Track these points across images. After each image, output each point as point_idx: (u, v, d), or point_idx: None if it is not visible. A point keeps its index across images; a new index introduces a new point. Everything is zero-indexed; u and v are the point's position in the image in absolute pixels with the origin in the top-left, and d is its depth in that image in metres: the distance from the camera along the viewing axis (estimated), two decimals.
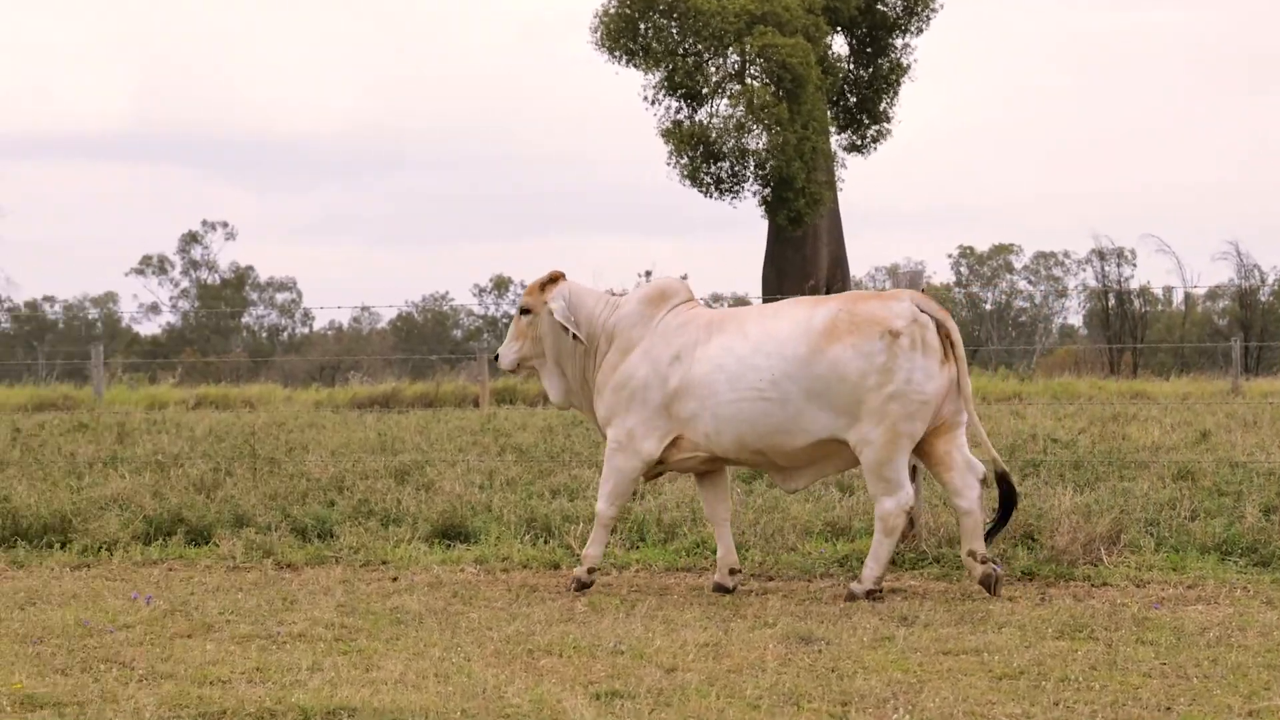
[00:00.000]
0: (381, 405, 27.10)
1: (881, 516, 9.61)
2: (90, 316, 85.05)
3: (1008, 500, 9.90)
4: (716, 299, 72.22)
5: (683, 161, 33.78)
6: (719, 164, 33.76)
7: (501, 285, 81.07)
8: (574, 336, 10.24)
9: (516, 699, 6.98)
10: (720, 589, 10.00)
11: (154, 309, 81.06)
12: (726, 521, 10.25)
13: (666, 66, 33.99)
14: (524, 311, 10.45)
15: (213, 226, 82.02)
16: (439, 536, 11.84)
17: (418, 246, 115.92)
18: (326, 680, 7.40)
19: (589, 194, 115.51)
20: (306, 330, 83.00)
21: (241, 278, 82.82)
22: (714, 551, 11.03)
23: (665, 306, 10.21)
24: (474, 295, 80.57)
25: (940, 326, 9.64)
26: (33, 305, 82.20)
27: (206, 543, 11.88)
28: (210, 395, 30.36)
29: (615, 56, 34.63)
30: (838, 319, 9.62)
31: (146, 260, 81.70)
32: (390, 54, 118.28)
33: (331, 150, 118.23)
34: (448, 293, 77.35)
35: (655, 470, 10.17)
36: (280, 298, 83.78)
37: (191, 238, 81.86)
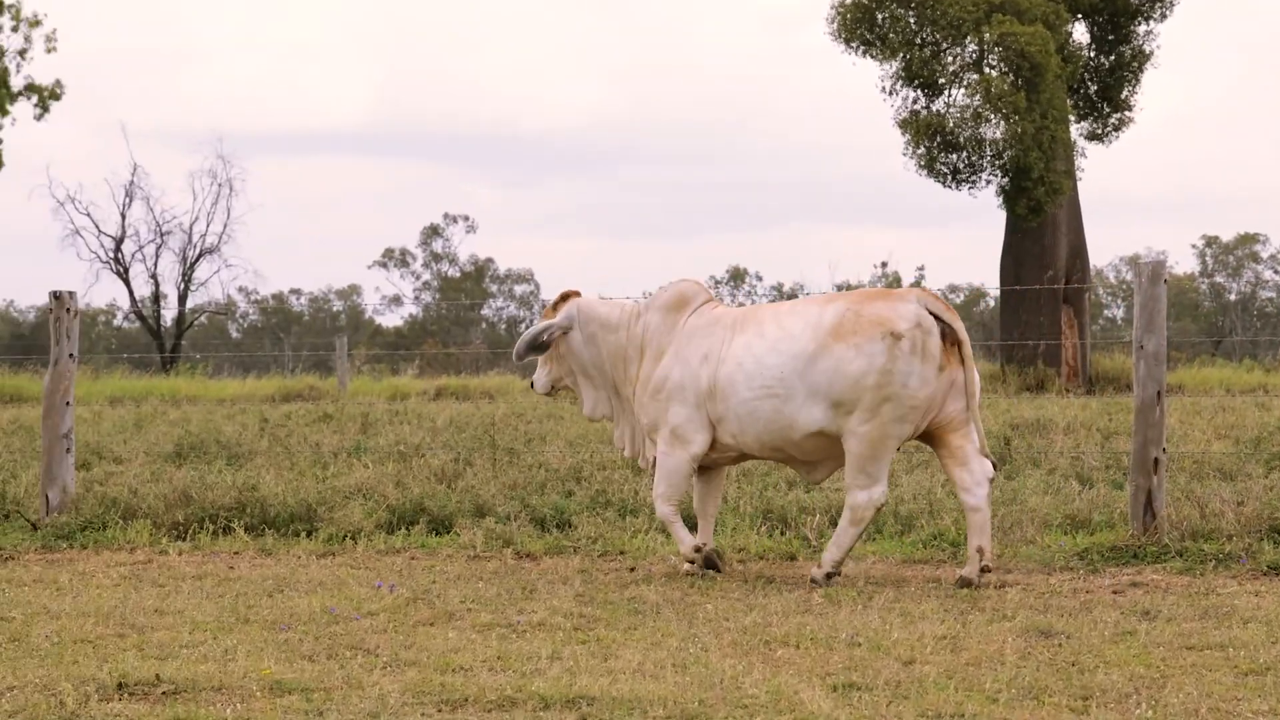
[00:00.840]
0: None
1: (853, 506, 9.75)
2: (334, 309, 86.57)
3: None
4: (953, 290, 71.61)
5: (919, 151, 33.47)
6: (956, 154, 33.44)
7: (738, 276, 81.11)
8: (552, 339, 10.52)
9: (754, 690, 6.99)
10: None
11: (396, 301, 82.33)
12: (713, 516, 10.58)
13: (903, 56, 33.72)
14: None
15: (454, 219, 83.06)
16: None
17: (655, 238, 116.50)
18: (566, 669, 7.46)
19: (826, 185, 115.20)
20: None
21: (481, 270, 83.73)
22: (951, 544, 10.97)
23: (687, 310, 10.43)
24: (710, 287, 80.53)
25: (947, 328, 9.67)
26: (279, 298, 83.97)
27: (448, 532, 12.03)
28: (450, 386, 30.74)
29: (852, 47, 34.40)
30: (844, 318, 9.72)
31: (389, 253, 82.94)
32: (629, 47, 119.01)
33: (570, 143, 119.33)
34: None
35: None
36: (519, 290, 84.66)
37: (433, 231, 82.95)
